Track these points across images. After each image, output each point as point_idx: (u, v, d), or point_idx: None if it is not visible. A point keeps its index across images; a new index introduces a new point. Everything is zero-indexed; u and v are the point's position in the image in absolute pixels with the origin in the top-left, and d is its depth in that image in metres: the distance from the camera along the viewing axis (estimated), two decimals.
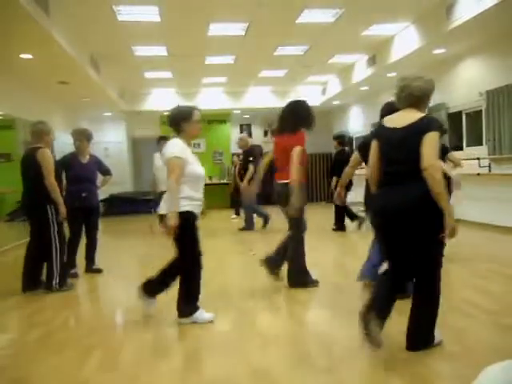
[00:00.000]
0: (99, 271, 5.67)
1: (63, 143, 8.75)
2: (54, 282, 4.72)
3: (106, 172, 5.96)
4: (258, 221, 8.80)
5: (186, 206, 3.45)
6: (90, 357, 3.06)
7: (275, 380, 2.69)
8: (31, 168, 4.69)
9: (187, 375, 2.79)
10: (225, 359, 2.99)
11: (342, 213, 8.11)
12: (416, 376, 2.63)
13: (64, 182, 5.59)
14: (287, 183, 4.32)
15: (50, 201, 4.66)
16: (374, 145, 2.94)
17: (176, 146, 3.49)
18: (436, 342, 2.91)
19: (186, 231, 3.46)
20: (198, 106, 3.69)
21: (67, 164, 5.49)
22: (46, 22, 6.09)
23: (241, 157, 9.30)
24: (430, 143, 2.62)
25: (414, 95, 2.81)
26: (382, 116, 3.63)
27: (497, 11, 6.08)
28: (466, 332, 3.25)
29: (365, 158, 4.05)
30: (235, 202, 11.08)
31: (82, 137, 5.55)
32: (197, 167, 3.58)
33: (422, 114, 2.80)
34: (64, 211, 4.74)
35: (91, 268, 5.67)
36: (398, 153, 2.77)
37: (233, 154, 11.88)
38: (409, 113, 2.82)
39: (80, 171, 5.50)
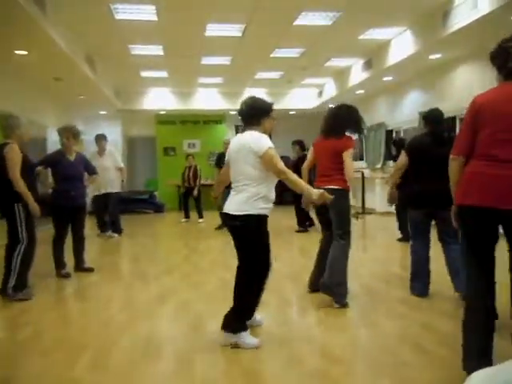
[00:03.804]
0: (90, 270, 5.63)
1: (56, 141, 8.70)
2: (8, 286, 4.37)
3: (92, 171, 5.87)
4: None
5: (264, 209, 3.18)
6: (80, 357, 3.04)
7: (266, 381, 2.69)
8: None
9: (178, 376, 2.78)
10: (216, 360, 2.98)
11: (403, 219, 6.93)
12: (406, 380, 2.64)
13: (50, 179, 5.51)
14: (337, 189, 4.06)
15: (19, 199, 4.38)
16: None
17: (266, 138, 3.17)
18: None
19: (256, 237, 3.19)
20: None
21: (54, 162, 5.38)
22: (42, 18, 6.06)
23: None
24: None
25: None
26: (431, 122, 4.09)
27: (493, 18, 6.11)
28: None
29: (415, 161, 4.11)
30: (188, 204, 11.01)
31: (69, 134, 5.44)
32: None
33: None
34: (36, 209, 4.43)
35: (82, 267, 5.63)
36: None
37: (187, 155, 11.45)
38: None
39: (68, 169, 5.40)
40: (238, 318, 3.18)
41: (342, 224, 4.15)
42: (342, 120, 4.23)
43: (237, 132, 15.49)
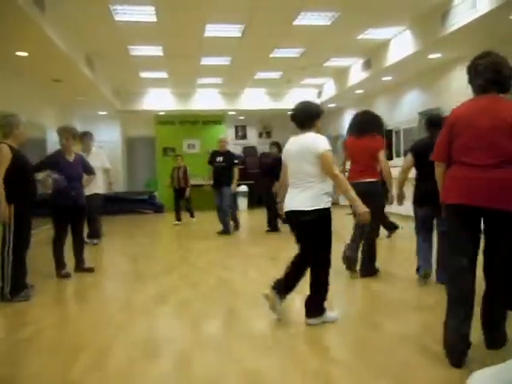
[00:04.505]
0: (91, 270, 5.63)
1: (56, 142, 8.69)
2: (4, 292, 4.33)
3: (89, 171, 5.85)
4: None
5: (329, 202, 3.48)
6: (79, 357, 3.04)
7: (266, 381, 2.69)
8: None
9: (177, 376, 2.78)
10: (215, 360, 2.98)
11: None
12: (408, 380, 2.64)
13: (50, 181, 5.50)
14: (374, 181, 4.84)
15: (10, 200, 4.28)
16: None
17: (324, 139, 3.45)
18: None
19: (327, 228, 3.48)
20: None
21: (55, 162, 5.36)
22: (41, 19, 6.07)
23: (220, 158, 8.92)
24: None
25: None
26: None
27: (491, 17, 6.11)
28: None
29: (419, 162, 4.38)
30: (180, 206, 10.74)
31: (68, 135, 5.44)
32: None
33: None
34: (3, 214, 4.24)
35: (82, 267, 5.63)
36: None
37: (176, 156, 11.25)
38: None
39: (68, 170, 5.39)
40: (322, 302, 3.52)
41: (377, 215, 4.78)
42: (368, 124, 5.02)
43: (236, 132, 15.57)
